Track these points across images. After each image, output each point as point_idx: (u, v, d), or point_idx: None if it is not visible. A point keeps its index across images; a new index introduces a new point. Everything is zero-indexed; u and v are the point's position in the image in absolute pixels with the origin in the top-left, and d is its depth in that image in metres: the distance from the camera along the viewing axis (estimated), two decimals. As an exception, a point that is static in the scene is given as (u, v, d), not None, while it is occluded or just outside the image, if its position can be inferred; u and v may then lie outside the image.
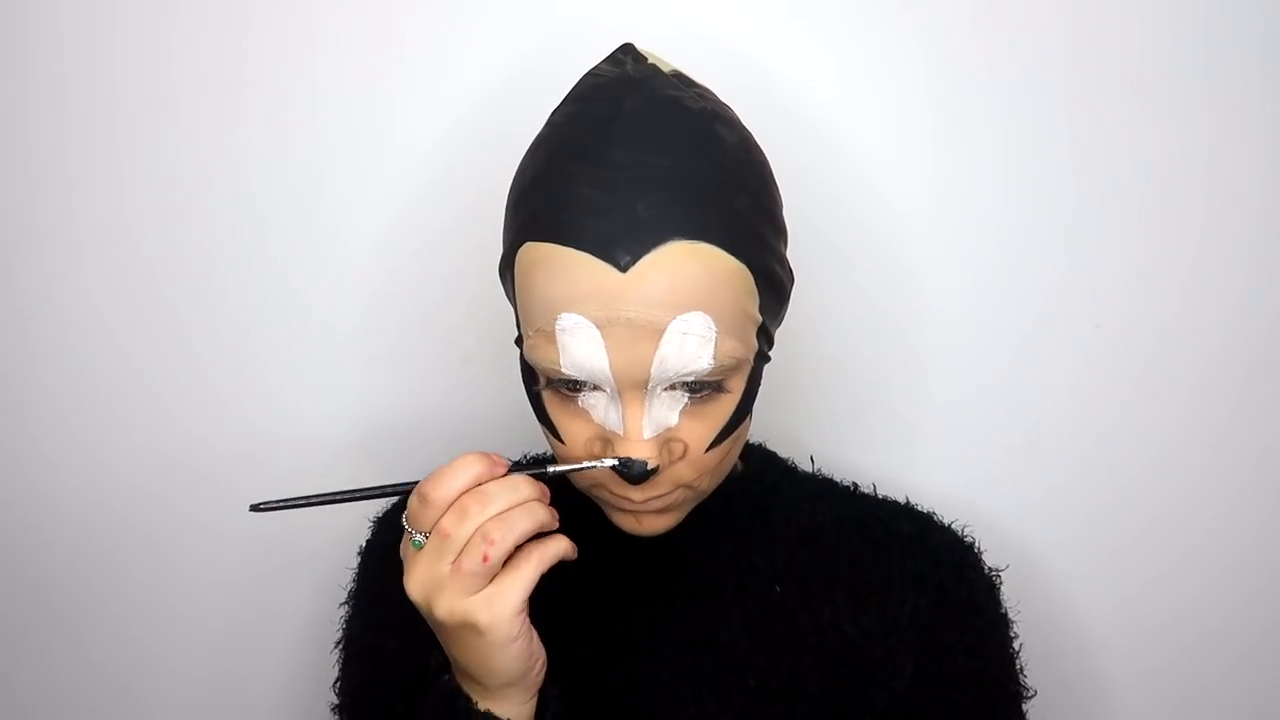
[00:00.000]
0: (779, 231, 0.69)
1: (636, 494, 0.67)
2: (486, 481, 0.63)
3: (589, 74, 0.69)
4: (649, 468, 0.64)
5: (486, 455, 0.63)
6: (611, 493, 0.68)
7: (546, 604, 0.74)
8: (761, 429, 0.85)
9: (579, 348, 0.63)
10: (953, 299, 0.93)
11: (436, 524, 0.62)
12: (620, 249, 0.61)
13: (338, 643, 0.83)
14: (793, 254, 0.72)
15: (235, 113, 0.94)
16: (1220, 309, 0.91)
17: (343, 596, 0.85)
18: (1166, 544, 0.94)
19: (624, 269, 0.61)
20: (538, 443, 0.84)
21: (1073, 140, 0.90)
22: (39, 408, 1.01)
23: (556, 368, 0.64)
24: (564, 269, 0.62)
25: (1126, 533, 0.95)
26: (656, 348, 0.62)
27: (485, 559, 0.61)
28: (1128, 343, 0.92)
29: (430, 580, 0.62)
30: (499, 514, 0.62)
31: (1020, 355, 0.94)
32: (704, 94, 0.68)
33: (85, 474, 1.02)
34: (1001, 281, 0.93)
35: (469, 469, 0.62)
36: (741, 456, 0.81)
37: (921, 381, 0.95)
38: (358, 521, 0.85)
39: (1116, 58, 0.88)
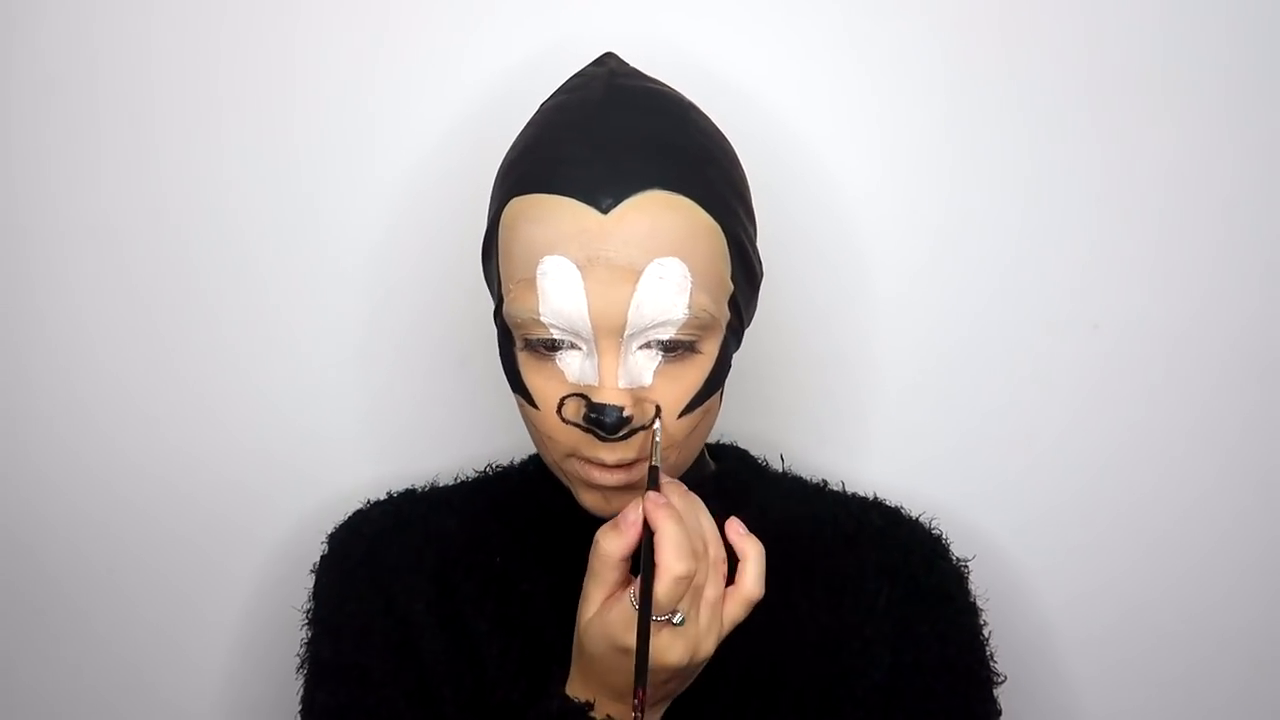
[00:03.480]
0: (749, 214, 0.72)
1: (608, 454, 0.67)
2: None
3: (575, 74, 0.74)
4: (623, 415, 0.65)
5: (662, 493, 0.64)
6: (584, 458, 0.68)
7: (552, 599, 0.76)
8: (733, 429, 0.87)
9: (559, 293, 0.64)
10: (949, 299, 0.95)
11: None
12: (602, 193, 0.64)
13: (300, 665, 0.80)
14: (782, 248, 0.74)
15: (230, 117, 0.94)
16: (1219, 310, 0.93)
17: None
18: (1132, 538, 0.96)
19: (605, 211, 0.64)
20: (529, 444, 0.84)
21: (1074, 141, 0.91)
22: (31, 421, 0.98)
23: (535, 317, 0.65)
24: (548, 214, 0.65)
25: (1097, 526, 0.97)
26: (634, 291, 0.64)
27: (726, 582, 0.64)
28: (1126, 343, 0.94)
29: (693, 638, 0.63)
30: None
31: (1019, 356, 0.95)
32: (681, 95, 0.72)
33: (79, 488, 0.99)
34: (999, 282, 0.94)
35: (677, 520, 0.62)
36: (714, 456, 0.83)
37: (913, 382, 0.97)
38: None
39: (1117, 56, 0.90)
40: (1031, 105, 0.91)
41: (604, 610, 0.64)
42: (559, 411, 0.68)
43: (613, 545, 0.64)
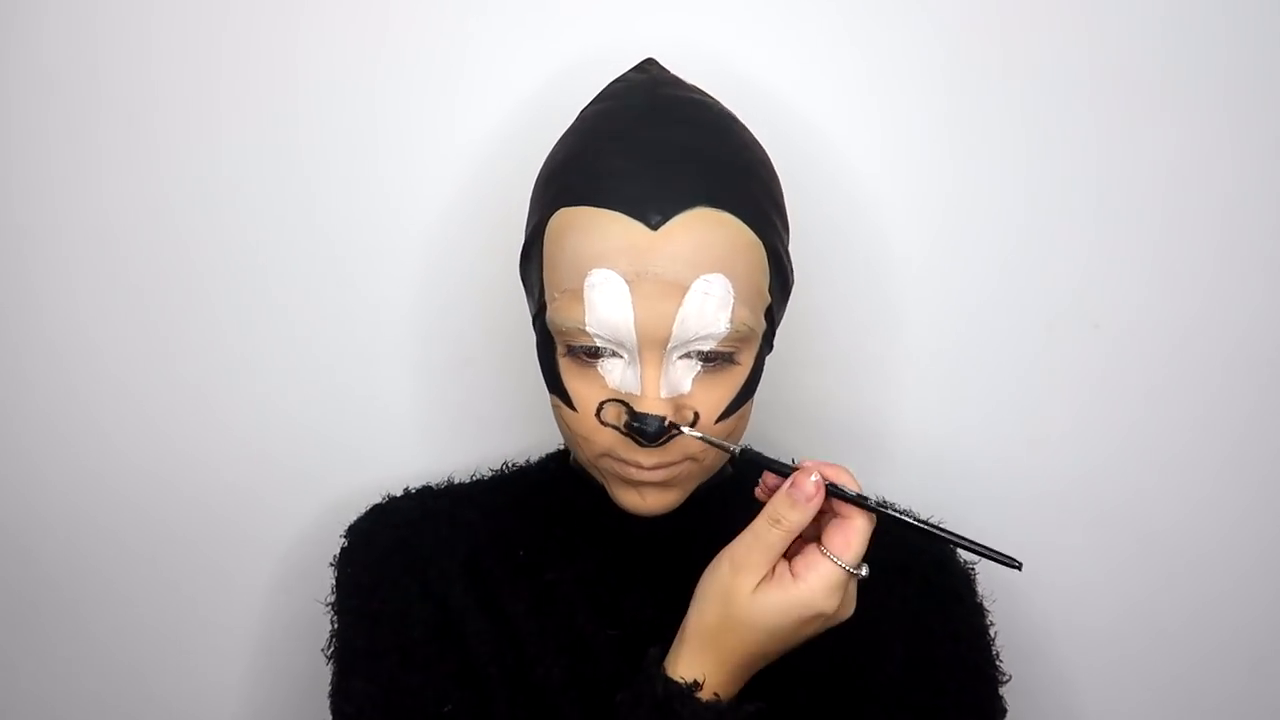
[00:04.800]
0: (785, 223, 0.75)
1: (645, 458, 0.69)
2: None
3: (616, 80, 0.75)
4: (664, 424, 0.67)
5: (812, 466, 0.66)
6: (621, 459, 0.70)
7: (574, 586, 0.77)
8: (748, 434, 0.88)
9: (606, 304, 0.66)
10: (949, 300, 0.97)
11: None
12: (652, 209, 0.66)
13: (329, 657, 0.80)
14: (797, 255, 0.76)
15: (235, 115, 0.94)
16: (1220, 308, 0.94)
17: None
18: (1133, 539, 0.98)
19: (654, 228, 0.65)
20: (538, 445, 0.85)
21: (1073, 140, 0.92)
22: (29, 417, 0.98)
23: (581, 326, 0.67)
24: (597, 228, 0.66)
25: (1101, 528, 0.98)
26: (679, 305, 0.66)
27: None
28: (1127, 343, 0.95)
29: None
30: None
31: (1020, 355, 0.96)
32: (719, 104, 0.74)
33: (75, 485, 0.99)
34: (1000, 282, 0.96)
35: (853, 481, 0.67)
36: (730, 461, 0.85)
37: (917, 384, 0.98)
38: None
39: (1118, 56, 0.91)
40: (1032, 105, 0.93)
41: (782, 580, 0.64)
42: (598, 415, 0.69)
43: (801, 516, 0.64)
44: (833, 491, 0.65)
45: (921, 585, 0.80)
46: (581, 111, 0.74)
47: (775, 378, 0.96)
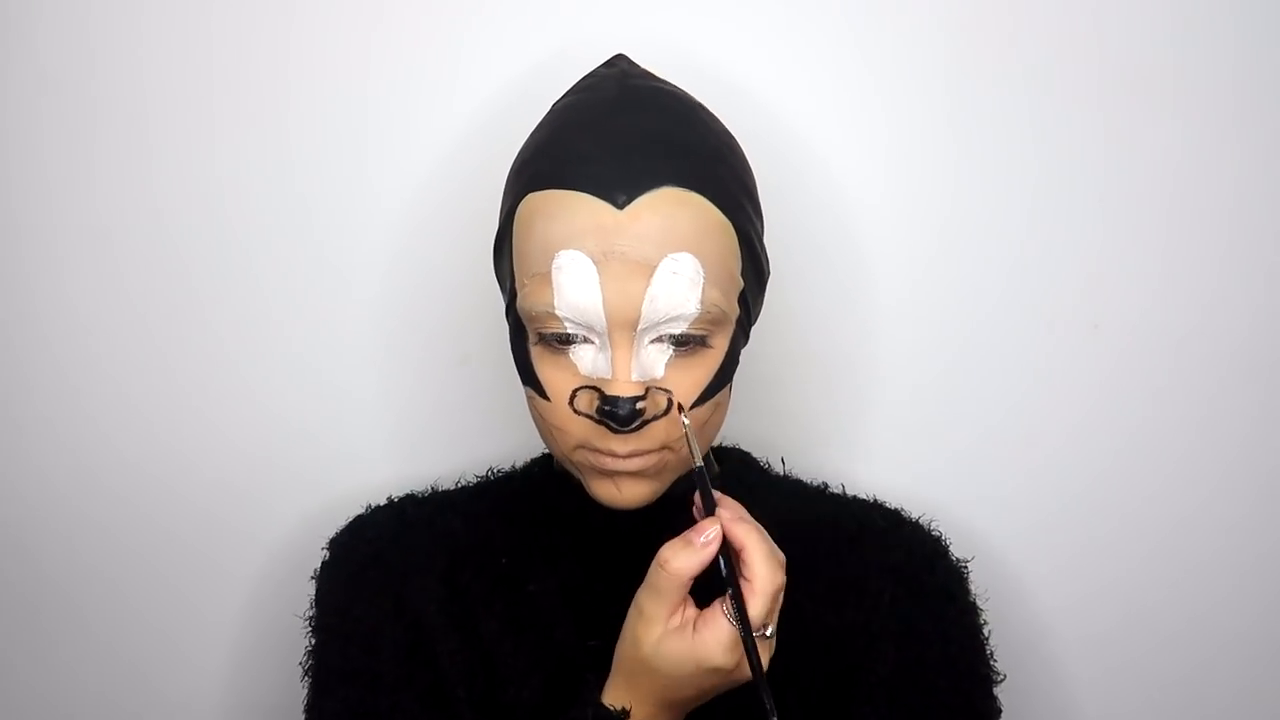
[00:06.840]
0: (757, 211, 0.74)
1: (620, 445, 0.68)
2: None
3: (587, 75, 0.75)
4: (636, 407, 0.66)
5: (724, 519, 0.65)
6: (595, 449, 0.69)
7: (562, 598, 0.76)
8: (736, 432, 0.87)
9: (574, 286, 0.66)
10: (949, 299, 0.96)
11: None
12: (617, 189, 0.66)
13: (305, 671, 0.80)
14: (784, 249, 0.75)
15: (230, 118, 0.94)
16: (1222, 311, 0.93)
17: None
18: (1133, 539, 0.97)
19: (620, 207, 0.65)
20: (538, 443, 0.84)
21: (1073, 140, 0.92)
22: (29, 417, 0.98)
23: (550, 310, 0.66)
24: (564, 210, 0.66)
25: (1095, 528, 0.98)
26: (648, 285, 0.65)
27: None
28: (1128, 344, 0.95)
29: (771, 647, 0.65)
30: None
31: (1020, 356, 0.96)
32: (690, 95, 0.74)
33: (78, 489, 0.99)
34: (999, 282, 0.95)
35: (762, 534, 0.65)
36: (719, 459, 0.84)
37: (914, 384, 0.97)
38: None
39: (1116, 54, 0.91)
40: (1034, 106, 0.92)
41: (684, 631, 0.63)
42: (571, 403, 0.69)
43: (686, 563, 0.63)
44: (718, 562, 0.64)
45: (912, 585, 0.79)
46: (553, 105, 0.74)
47: (767, 378, 0.96)
